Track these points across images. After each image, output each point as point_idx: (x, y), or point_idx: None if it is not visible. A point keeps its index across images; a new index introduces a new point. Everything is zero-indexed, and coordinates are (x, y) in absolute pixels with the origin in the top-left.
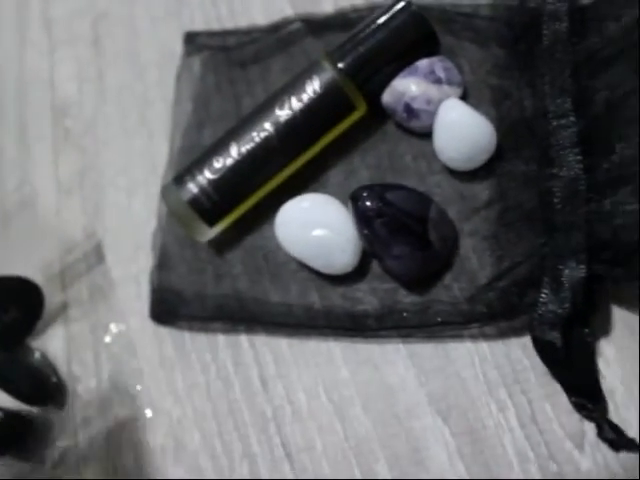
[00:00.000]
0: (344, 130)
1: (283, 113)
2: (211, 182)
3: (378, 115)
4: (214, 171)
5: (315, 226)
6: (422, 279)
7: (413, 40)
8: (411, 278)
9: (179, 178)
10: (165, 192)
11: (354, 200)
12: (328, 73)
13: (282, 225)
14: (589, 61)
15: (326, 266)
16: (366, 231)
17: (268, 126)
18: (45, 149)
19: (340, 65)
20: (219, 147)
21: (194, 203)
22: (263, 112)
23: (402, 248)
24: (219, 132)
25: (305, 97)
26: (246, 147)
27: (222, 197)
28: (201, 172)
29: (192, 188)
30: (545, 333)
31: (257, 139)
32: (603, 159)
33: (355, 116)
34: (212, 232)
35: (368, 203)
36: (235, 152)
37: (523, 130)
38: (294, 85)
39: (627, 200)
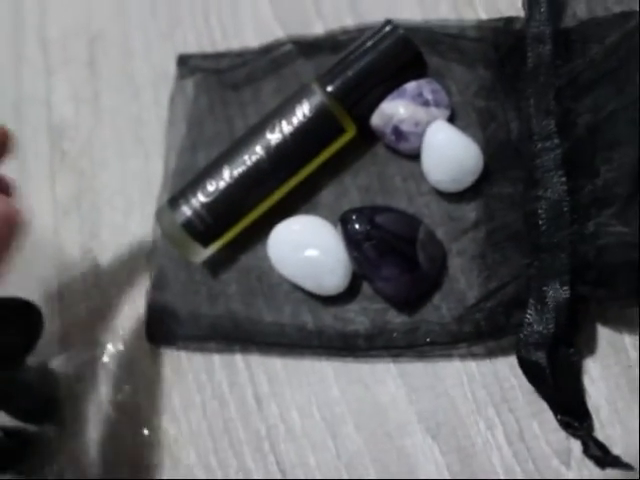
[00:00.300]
0: (334, 152)
1: (274, 137)
2: (204, 205)
3: (368, 137)
4: (207, 194)
5: (306, 248)
6: (411, 300)
7: (400, 63)
8: (400, 299)
9: (173, 201)
10: (159, 215)
11: (343, 223)
12: (317, 97)
13: (274, 246)
14: (572, 83)
15: (317, 287)
16: (355, 253)
17: (259, 149)
18: (42, 170)
19: (329, 89)
20: (212, 170)
21: (188, 226)
22: (254, 135)
23: (391, 270)
24: (212, 154)
25: (295, 120)
26: (238, 170)
27: (215, 219)
28: (194, 195)
29: (186, 211)
30: (530, 353)
31: (249, 162)
32: (587, 181)
33: (345, 138)
34: (206, 253)
35: (357, 226)
36: (227, 175)
37: (509, 152)
38: (284, 109)
39: (610, 222)
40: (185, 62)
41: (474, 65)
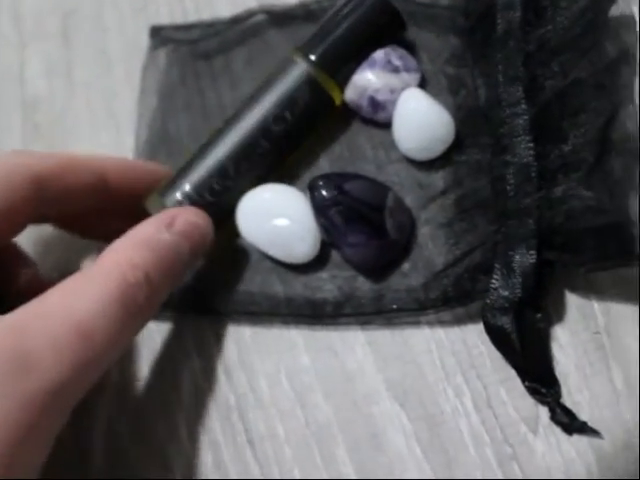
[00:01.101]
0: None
1: (264, 116)
2: (196, 188)
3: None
4: (199, 181)
5: (275, 216)
6: (379, 267)
7: (381, 25)
8: (367, 266)
9: (162, 189)
10: (149, 204)
11: (311, 190)
12: (302, 67)
13: (243, 215)
14: (541, 49)
15: (286, 255)
16: (323, 220)
17: (251, 132)
18: (15, 143)
19: (312, 57)
20: (201, 157)
21: None
22: (244, 117)
23: (358, 236)
24: (183, 124)
25: (283, 97)
26: (231, 155)
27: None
28: (186, 181)
29: (177, 196)
30: (496, 318)
31: (240, 146)
32: (555, 146)
33: (335, 105)
34: None
35: (324, 192)
36: (219, 160)
37: (479, 119)
38: (271, 89)
39: (576, 187)
40: (157, 33)
41: (445, 33)
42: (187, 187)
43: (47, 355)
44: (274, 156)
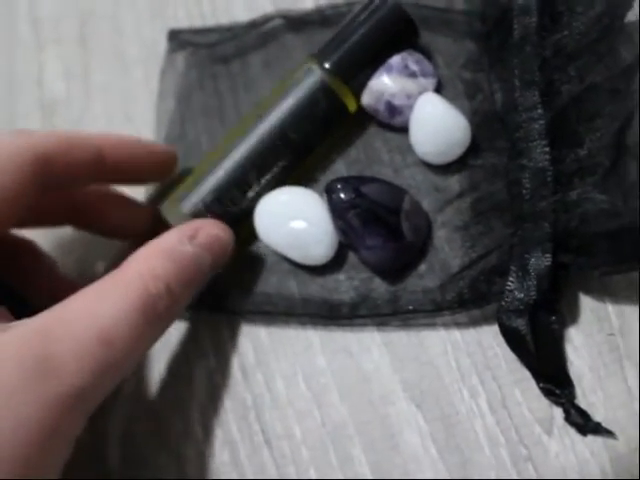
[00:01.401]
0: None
1: (278, 124)
2: (212, 193)
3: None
4: (215, 186)
5: (292, 218)
6: (396, 269)
7: (394, 32)
8: (384, 268)
9: (178, 196)
10: (165, 210)
11: (328, 192)
12: (317, 75)
13: (261, 217)
14: (557, 54)
15: (303, 257)
16: (340, 223)
17: (264, 138)
18: None
19: (327, 65)
20: (217, 165)
21: (196, 214)
22: (257, 125)
23: (375, 239)
24: (200, 127)
25: (297, 104)
26: (243, 161)
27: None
28: (201, 187)
29: (195, 202)
30: (511, 320)
31: (254, 152)
32: (570, 151)
33: (350, 111)
34: None
35: (342, 195)
36: (232, 167)
37: (495, 123)
38: (287, 97)
39: (591, 191)
40: (175, 37)
41: (461, 38)
42: (208, 196)
43: (69, 360)
44: (292, 163)
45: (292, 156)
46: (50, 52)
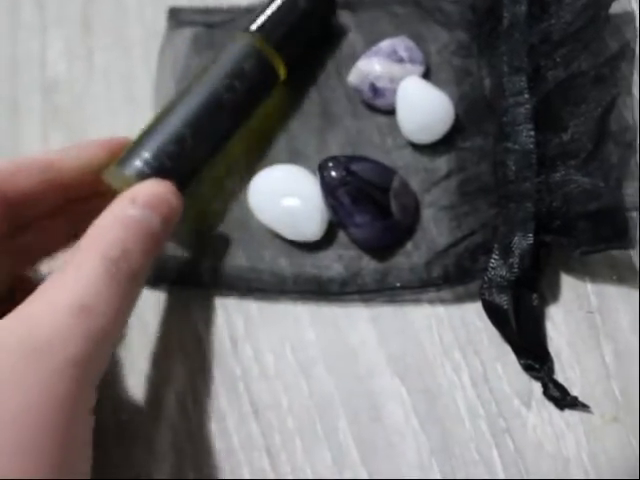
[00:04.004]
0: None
1: (214, 90)
2: (155, 156)
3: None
4: (157, 148)
5: (285, 195)
6: (384, 247)
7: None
8: (372, 245)
9: (121, 161)
10: (108, 175)
11: (320, 170)
12: (246, 40)
13: (254, 194)
14: (544, 42)
15: (295, 234)
16: (331, 200)
17: (198, 104)
18: (34, 124)
19: (253, 27)
20: (158, 127)
21: (140, 176)
22: (193, 93)
23: (364, 217)
24: None
25: (233, 69)
26: (183, 124)
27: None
28: (144, 149)
29: (137, 164)
30: (494, 296)
31: (192, 116)
32: (555, 135)
33: (280, 75)
34: None
35: (333, 173)
36: (174, 129)
37: (483, 107)
38: (220, 61)
39: (574, 173)
40: (176, 15)
41: (453, 26)
42: (146, 154)
43: (54, 334)
44: (227, 123)
45: (226, 116)
46: (53, 33)
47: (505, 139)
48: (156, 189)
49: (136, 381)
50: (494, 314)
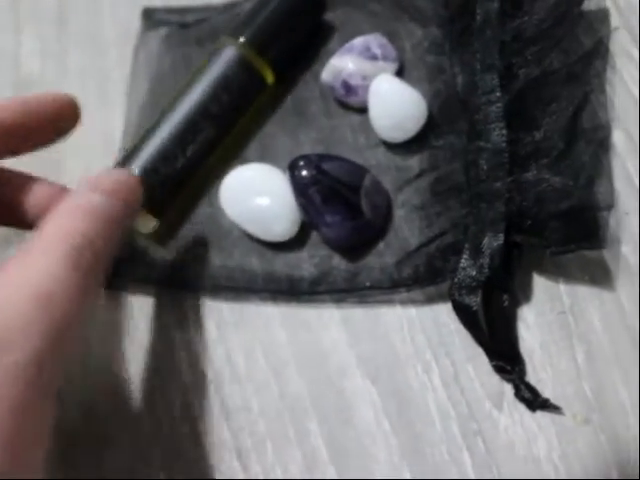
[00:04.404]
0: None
1: (201, 98)
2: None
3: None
4: (145, 163)
5: (257, 194)
6: (354, 246)
7: (301, 6)
8: (342, 245)
9: None
10: None
11: (291, 169)
12: (232, 48)
13: (226, 192)
14: (516, 39)
15: (266, 233)
16: (302, 199)
17: (186, 113)
18: None
19: (241, 39)
20: (145, 140)
21: None
22: (181, 101)
23: (334, 216)
24: None
25: (219, 80)
26: (169, 136)
27: (156, 186)
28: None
29: None
30: (463, 297)
31: (179, 127)
32: (527, 133)
33: (267, 82)
34: (155, 224)
35: (304, 172)
36: (160, 143)
37: (455, 105)
38: (206, 72)
39: (545, 173)
40: (150, 15)
41: (427, 23)
42: (135, 170)
43: (14, 328)
44: (214, 134)
45: (214, 128)
46: (28, 30)
47: (477, 137)
48: (119, 176)
49: (106, 383)
50: (464, 315)
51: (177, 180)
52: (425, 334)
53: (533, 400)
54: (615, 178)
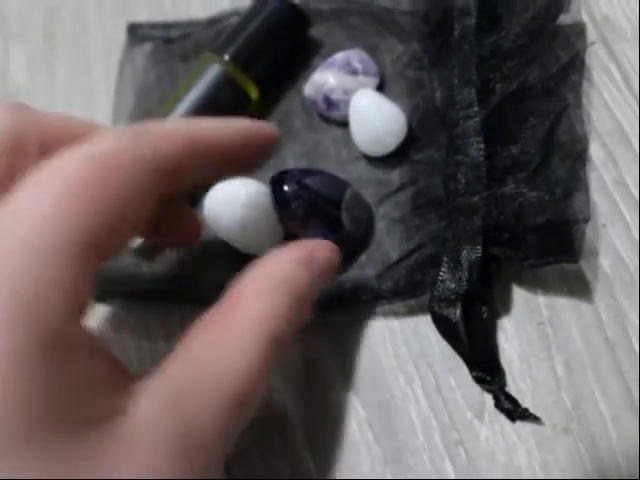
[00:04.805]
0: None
1: (190, 115)
2: None
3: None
4: None
5: (239, 207)
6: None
7: (285, 23)
8: None
9: None
10: None
11: (273, 184)
12: (217, 66)
13: (209, 204)
14: (493, 54)
15: (247, 247)
16: (284, 213)
17: None
18: None
19: (226, 57)
20: None
21: None
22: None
23: (316, 230)
24: None
25: (201, 96)
26: None
27: None
28: None
29: None
30: (443, 309)
31: None
32: (504, 148)
33: (252, 98)
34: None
35: (286, 187)
36: None
37: (434, 120)
38: (192, 89)
39: (522, 186)
40: (135, 31)
41: (407, 38)
42: None
43: (209, 432)
44: None
45: None
46: (14, 46)
47: (456, 152)
48: (329, 254)
49: None
50: (444, 327)
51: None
52: (407, 345)
53: (513, 410)
54: (592, 190)
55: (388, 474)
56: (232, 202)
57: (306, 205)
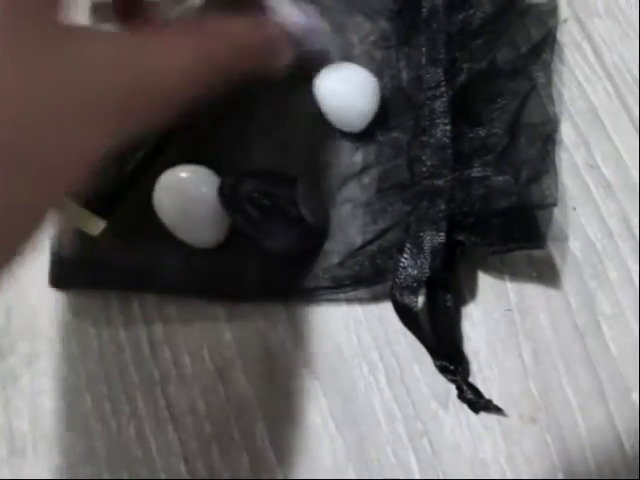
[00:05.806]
0: None
1: None
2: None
3: None
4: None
5: (187, 197)
6: (300, 252)
7: None
8: (290, 253)
9: None
10: None
11: (222, 190)
12: None
13: (158, 192)
14: (462, 33)
15: (192, 239)
16: (239, 217)
17: None
18: None
19: None
20: None
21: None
22: None
23: (276, 228)
24: None
25: None
26: None
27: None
28: None
29: None
30: (404, 297)
31: None
32: (471, 130)
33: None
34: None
35: (238, 191)
36: None
37: (401, 100)
38: None
39: (487, 170)
40: None
41: (376, 16)
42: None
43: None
44: (166, 137)
45: (166, 131)
46: None
47: (421, 133)
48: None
49: (53, 386)
50: (405, 315)
51: (126, 182)
52: (371, 333)
53: (476, 401)
54: (563, 173)
55: (350, 466)
56: (178, 191)
57: (260, 205)
